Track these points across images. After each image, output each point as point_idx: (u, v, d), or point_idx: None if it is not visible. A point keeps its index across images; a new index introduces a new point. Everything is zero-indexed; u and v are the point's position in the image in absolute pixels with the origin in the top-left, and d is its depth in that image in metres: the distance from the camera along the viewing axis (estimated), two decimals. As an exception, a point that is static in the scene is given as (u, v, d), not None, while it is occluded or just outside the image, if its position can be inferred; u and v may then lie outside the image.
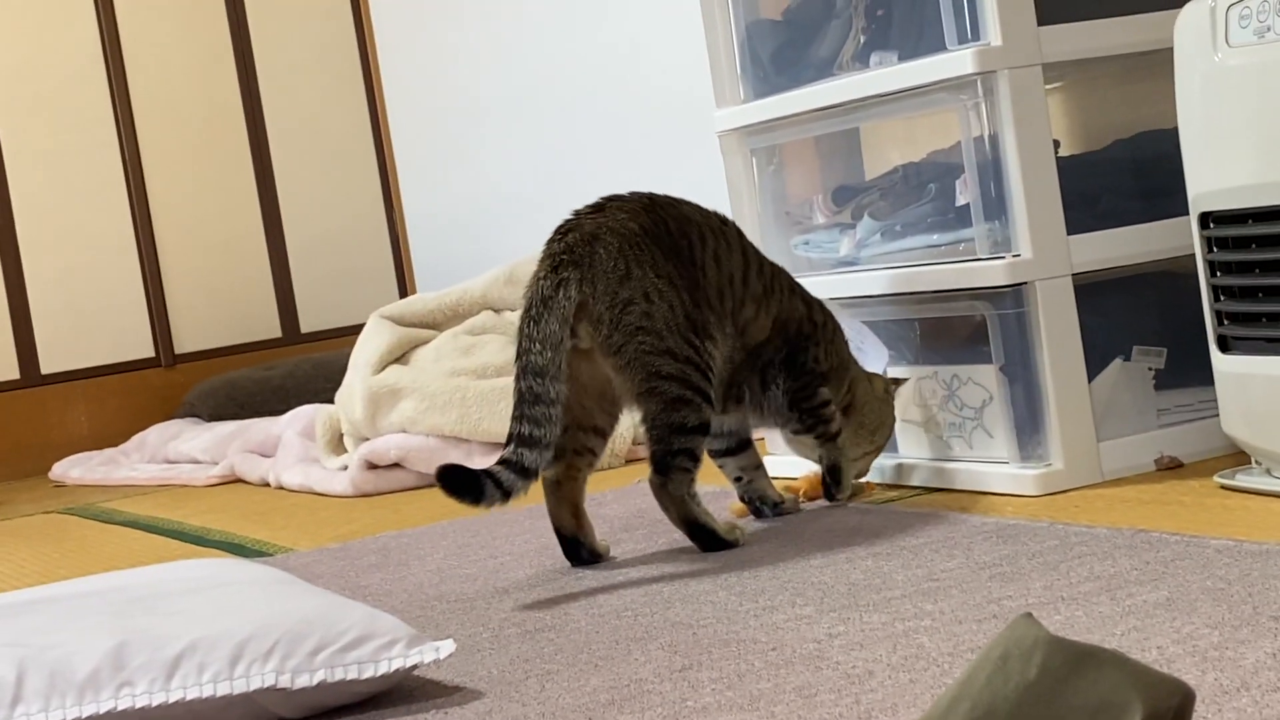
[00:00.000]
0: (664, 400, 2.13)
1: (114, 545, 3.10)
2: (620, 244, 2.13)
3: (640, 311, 2.12)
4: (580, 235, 2.14)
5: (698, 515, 2.17)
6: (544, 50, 4.33)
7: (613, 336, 2.12)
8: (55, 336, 4.88)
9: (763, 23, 2.77)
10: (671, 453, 2.14)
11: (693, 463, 2.16)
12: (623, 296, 2.12)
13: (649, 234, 2.16)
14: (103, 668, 1.54)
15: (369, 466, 3.34)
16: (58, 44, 4.91)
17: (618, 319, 2.12)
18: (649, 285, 2.13)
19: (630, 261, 2.13)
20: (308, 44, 5.20)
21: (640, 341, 2.12)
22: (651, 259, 2.14)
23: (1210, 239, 2.14)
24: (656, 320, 2.13)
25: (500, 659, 1.75)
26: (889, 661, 1.53)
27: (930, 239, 2.47)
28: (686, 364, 2.14)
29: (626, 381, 2.14)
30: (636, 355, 2.12)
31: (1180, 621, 1.53)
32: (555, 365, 2.07)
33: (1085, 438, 2.32)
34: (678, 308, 2.14)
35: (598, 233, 2.14)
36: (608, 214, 2.17)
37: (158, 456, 4.34)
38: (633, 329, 2.12)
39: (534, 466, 2.06)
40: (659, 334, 2.13)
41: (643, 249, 2.14)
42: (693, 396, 2.14)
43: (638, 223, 2.16)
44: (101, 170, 4.95)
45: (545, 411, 2.06)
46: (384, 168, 5.27)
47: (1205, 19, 2.09)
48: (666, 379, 2.13)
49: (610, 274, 2.12)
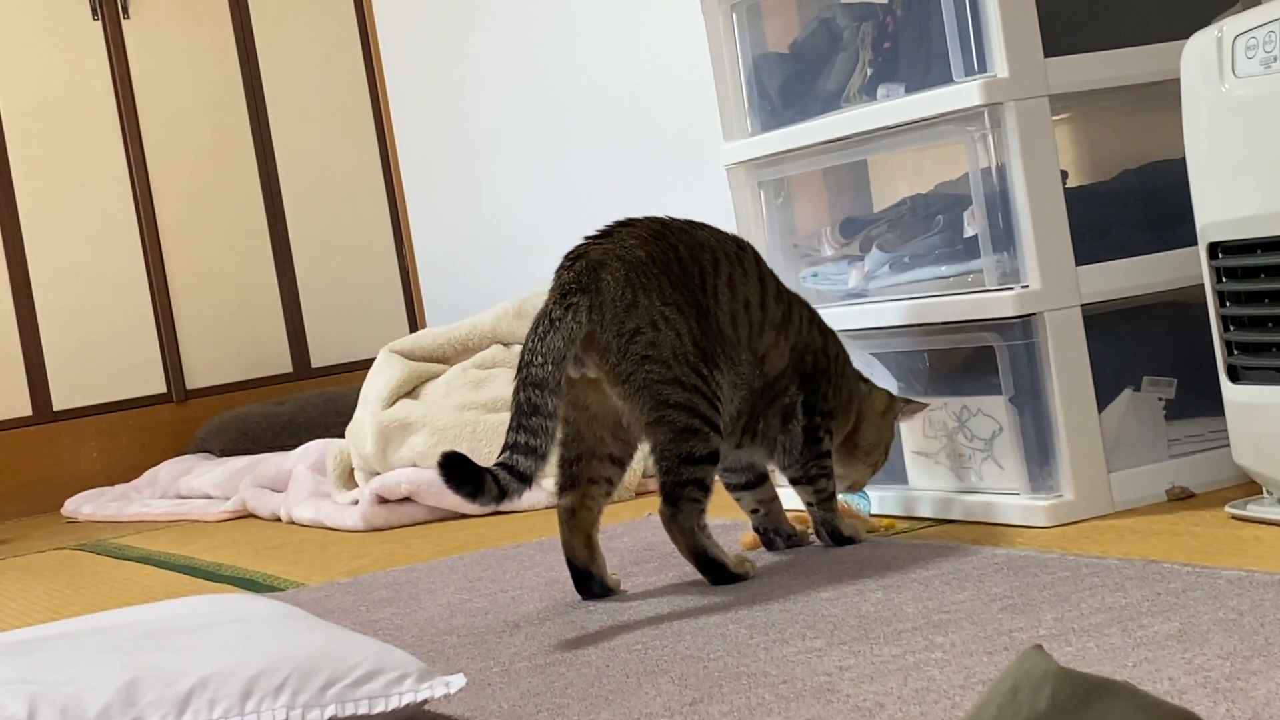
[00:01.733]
0: (672, 430, 2.13)
1: (126, 581, 3.11)
2: (627, 272, 2.13)
3: (647, 340, 2.12)
4: (587, 263, 2.14)
5: (707, 547, 2.17)
6: (552, 86, 4.34)
7: (620, 365, 2.12)
8: (67, 373, 4.89)
9: (770, 56, 2.78)
10: (680, 483, 2.14)
11: (702, 493, 2.16)
12: (629, 326, 2.12)
13: (656, 261, 2.16)
14: (114, 704, 1.54)
15: (380, 501, 3.34)
16: (70, 81, 4.93)
17: (625, 348, 2.11)
18: (655, 314, 2.13)
19: (637, 290, 2.13)
20: (318, 81, 5.22)
21: (648, 370, 2.12)
22: (659, 287, 2.14)
23: (1219, 269, 2.14)
24: (663, 349, 2.12)
25: (511, 693, 1.75)
26: (900, 694, 1.53)
27: (939, 270, 2.47)
28: (694, 393, 2.14)
29: (635, 410, 2.14)
30: (644, 384, 2.12)
31: (1192, 653, 1.53)
32: (555, 380, 2.06)
33: (1096, 468, 2.31)
34: (685, 336, 2.14)
35: (605, 260, 2.14)
36: (615, 241, 2.17)
37: (169, 492, 4.35)
38: (639, 357, 2.12)
39: (529, 473, 2.06)
40: (666, 363, 2.12)
41: (649, 277, 2.14)
42: (700, 426, 2.14)
43: (645, 250, 2.16)
44: (113, 207, 4.96)
45: (542, 423, 2.06)
46: (394, 203, 5.28)
47: (1212, 49, 2.10)
48: (674, 408, 2.13)
49: (617, 303, 2.12)
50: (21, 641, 1.79)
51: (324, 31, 5.23)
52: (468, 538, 3.01)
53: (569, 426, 2.18)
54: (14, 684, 1.56)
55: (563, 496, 2.20)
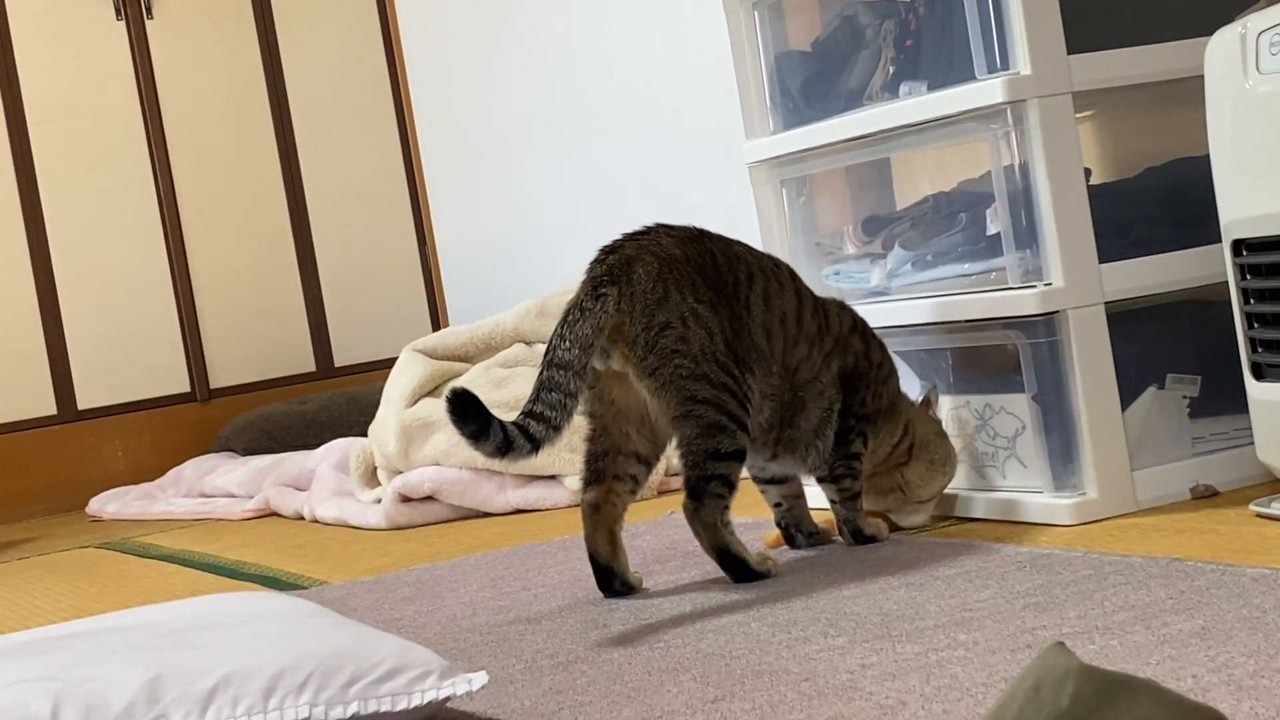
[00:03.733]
0: (700, 424, 2.13)
1: (150, 579, 3.12)
2: (660, 267, 2.13)
3: (677, 335, 2.12)
4: (620, 258, 2.15)
5: (730, 544, 2.17)
6: (574, 85, 4.34)
7: (648, 359, 2.12)
8: (92, 373, 4.91)
9: (792, 54, 2.77)
10: (705, 478, 2.14)
11: (727, 489, 2.15)
12: (659, 319, 2.12)
13: (691, 261, 2.16)
14: (138, 701, 1.54)
15: (403, 499, 3.35)
16: (94, 82, 4.95)
17: (653, 341, 2.11)
18: (686, 310, 2.13)
19: (669, 285, 2.13)
20: (340, 82, 5.23)
21: (677, 365, 2.12)
22: (692, 284, 2.14)
23: (1243, 266, 2.13)
24: (693, 345, 2.12)
25: (533, 691, 1.75)
26: (922, 692, 1.53)
27: (961, 268, 2.46)
28: (723, 390, 2.13)
29: (662, 404, 2.13)
30: (672, 378, 2.12)
31: (1215, 650, 1.52)
32: (580, 364, 2.06)
33: (1119, 466, 2.31)
34: (716, 335, 2.14)
35: (638, 255, 2.14)
36: (651, 238, 2.18)
37: (193, 491, 4.36)
38: (668, 351, 2.11)
39: (539, 437, 2.05)
40: (695, 359, 2.12)
41: (683, 275, 2.14)
42: (728, 423, 2.14)
43: (681, 250, 2.16)
44: (137, 207, 4.98)
45: (561, 399, 2.05)
46: (416, 203, 5.29)
47: (1236, 46, 2.09)
48: (702, 403, 2.13)
49: (648, 295, 2.12)
50: (46, 639, 1.79)
51: (347, 32, 5.24)
52: (490, 536, 3.01)
53: (595, 421, 2.19)
54: (38, 682, 1.56)
55: (587, 491, 2.20)
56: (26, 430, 4.84)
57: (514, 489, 3.32)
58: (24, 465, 4.83)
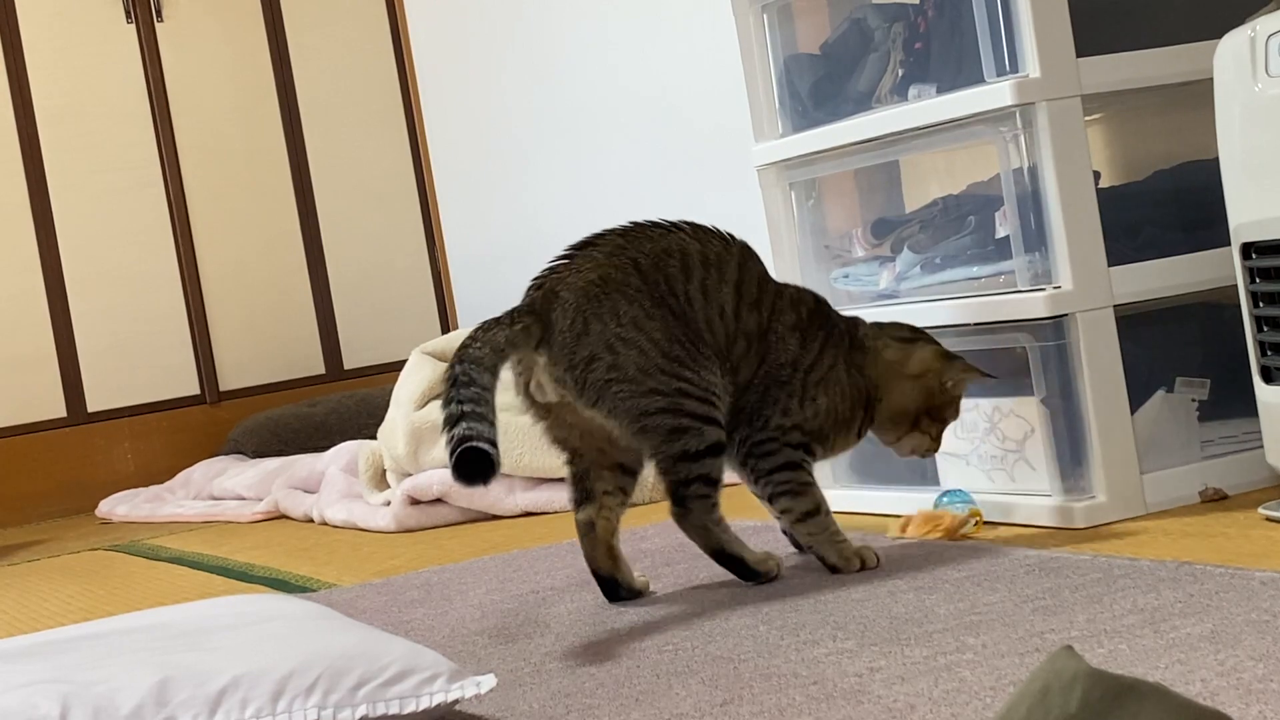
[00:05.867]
0: (660, 434, 2.09)
1: (159, 582, 3.12)
2: (577, 300, 2.08)
3: (606, 365, 2.07)
4: (543, 293, 2.11)
5: (725, 543, 2.15)
6: (584, 86, 4.35)
7: (585, 393, 2.08)
8: (101, 375, 4.92)
9: (801, 57, 2.77)
10: (683, 481, 2.10)
11: (709, 487, 2.11)
12: (582, 355, 2.07)
13: (610, 281, 2.09)
14: (146, 704, 1.54)
15: (412, 502, 3.35)
16: (104, 84, 4.96)
17: (582, 378, 2.07)
18: (610, 336, 2.07)
19: (588, 317, 2.08)
20: (350, 82, 5.24)
21: (616, 391, 2.07)
22: (613, 307, 2.08)
23: (1252, 269, 2.13)
24: (628, 369, 2.07)
25: (541, 694, 1.75)
26: (931, 696, 1.53)
27: (970, 271, 2.46)
28: (676, 395, 2.08)
29: (618, 427, 2.10)
30: (616, 404, 2.08)
31: (1224, 654, 1.52)
32: (490, 363, 2.01)
33: (1128, 470, 2.30)
34: (651, 350, 2.08)
35: (557, 290, 2.10)
36: (572, 267, 2.12)
37: (203, 493, 4.36)
38: (603, 382, 2.07)
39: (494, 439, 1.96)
40: (635, 380, 2.07)
41: (601, 301, 2.08)
42: (690, 423, 2.09)
43: (599, 272, 2.10)
44: (146, 209, 4.99)
45: (478, 393, 1.98)
46: (426, 205, 5.29)
47: (1245, 49, 2.09)
48: (656, 414, 2.08)
49: (566, 333, 2.07)
50: (55, 641, 1.80)
51: (356, 33, 5.25)
52: (499, 539, 3.01)
53: (565, 446, 2.16)
54: (47, 684, 1.57)
55: (579, 511, 2.18)
56: (36, 432, 4.85)
57: (523, 491, 3.32)
58: (33, 467, 4.83)
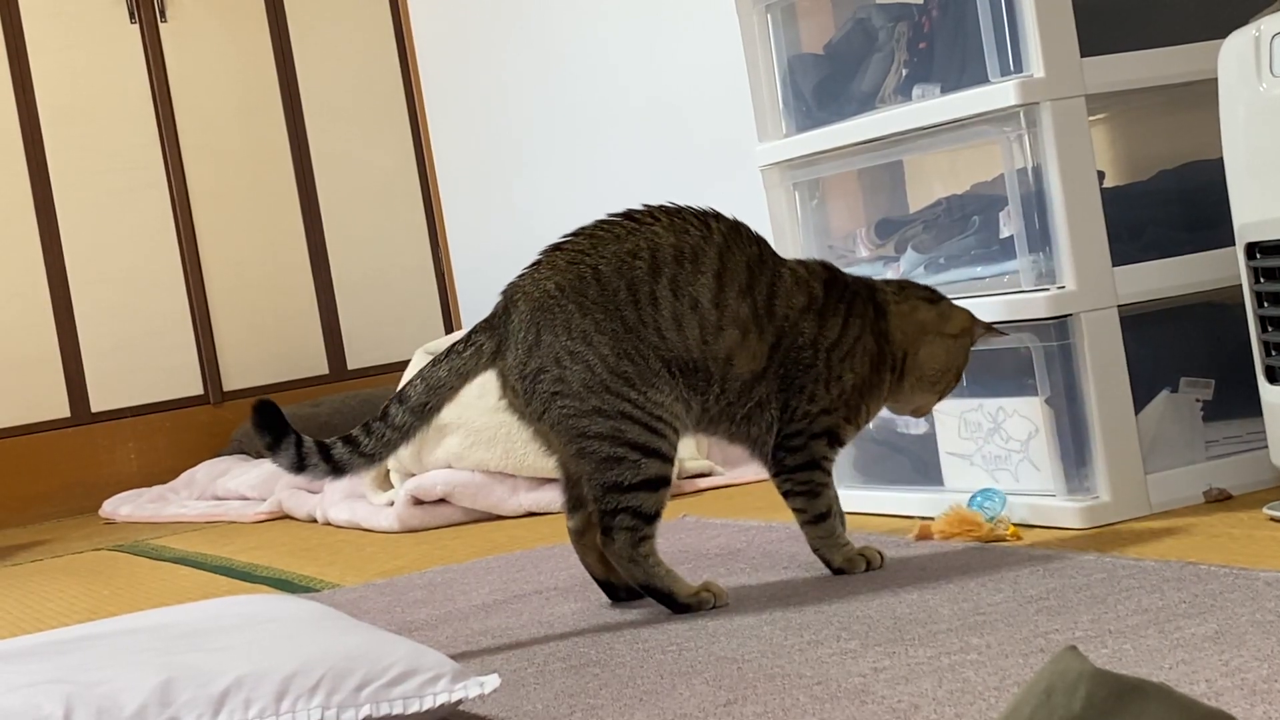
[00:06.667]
0: (594, 460, 2.06)
1: (162, 582, 3.12)
2: (531, 310, 2.07)
3: (553, 378, 2.06)
4: (504, 301, 2.12)
5: (650, 577, 2.08)
6: (588, 87, 4.35)
7: (531, 404, 2.08)
8: (105, 375, 4.92)
9: (804, 57, 2.77)
10: (609, 511, 2.06)
11: (638, 520, 2.06)
12: (532, 366, 2.07)
13: (566, 290, 2.07)
14: (149, 704, 1.54)
15: (415, 502, 3.35)
16: (107, 84, 4.96)
17: (530, 389, 2.07)
18: (559, 349, 2.06)
19: (541, 328, 2.07)
20: (353, 82, 5.24)
21: (560, 406, 2.06)
22: (565, 320, 2.06)
23: (1257, 269, 2.13)
24: (573, 383, 2.05)
25: (545, 694, 1.75)
26: (935, 696, 1.52)
27: (974, 271, 2.46)
28: (620, 419, 2.05)
29: (560, 442, 2.09)
30: (560, 419, 2.07)
31: (1229, 655, 1.52)
32: (421, 405, 2.06)
33: (1132, 470, 2.30)
34: (598, 366, 2.05)
35: (514, 299, 2.10)
36: (534, 273, 2.12)
37: (206, 493, 4.37)
38: (548, 395, 2.06)
39: (342, 461, 2.05)
40: (579, 395, 2.05)
41: (555, 312, 2.07)
42: (627, 453, 2.05)
43: (556, 280, 2.08)
44: (150, 209, 4.99)
45: (386, 433, 2.05)
46: (429, 204, 5.29)
47: (1249, 49, 2.08)
48: (594, 438, 2.06)
49: (519, 344, 2.07)
50: (58, 642, 1.80)
51: (360, 33, 5.25)
52: (502, 539, 3.01)
53: (553, 450, 2.14)
54: (50, 684, 1.57)
55: (570, 519, 2.18)
56: (40, 433, 4.85)
57: (526, 492, 3.32)
58: (37, 468, 4.84)
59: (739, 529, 2.67)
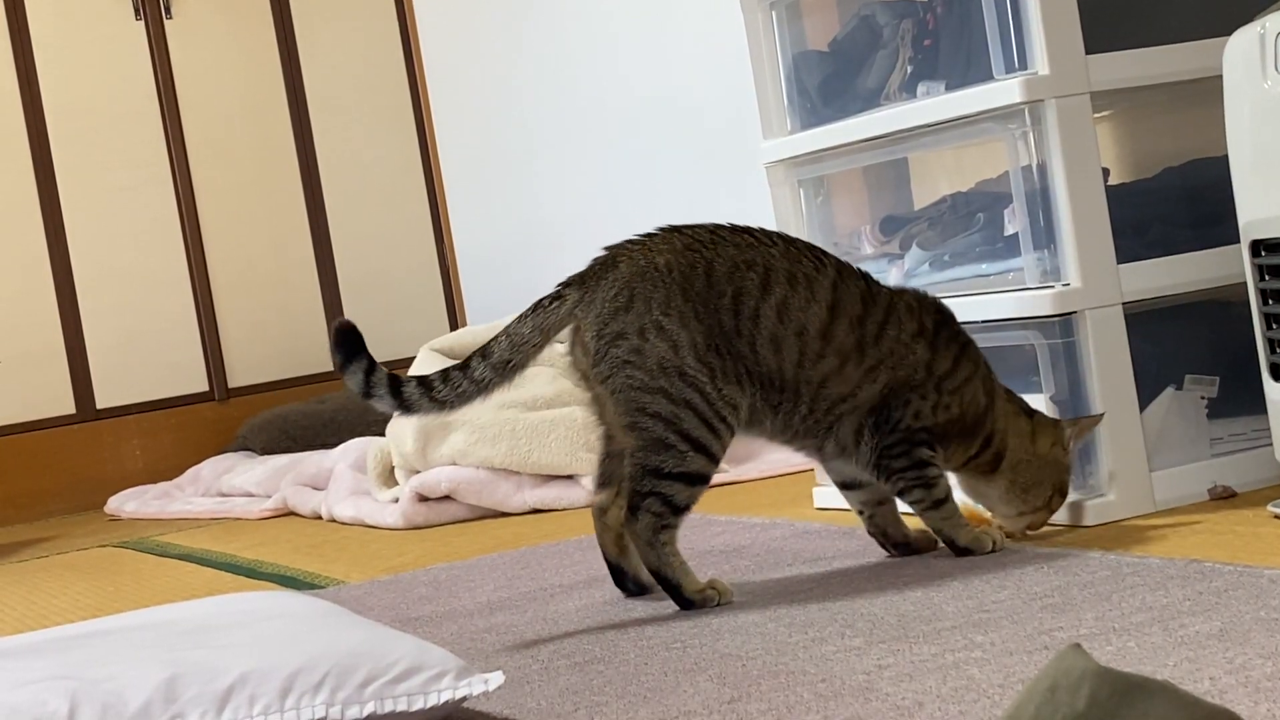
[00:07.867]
0: (646, 438, 2.06)
1: (167, 578, 3.12)
2: (631, 275, 2.07)
3: (631, 346, 2.05)
4: (603, 261, 2.11)
5: (664, 565, 2.08)
6: (593, 83, 4.35)
7: (599, 365, 2.06)
8: (110, 372, 4.93)
9: (809, 54, 2.77)
10: (642, 493, 2.06)
11: (666, 508, 2.06)
12: (613, 328, 2.05)
13: (675, 271, 2.07)
14: (154, 700, 1.55)
15: (420, 499, 3.35)
16: (113, 82, 4.96)
17: (604, 350, 2.06)
18: (648, 321, 2.05)
19: (635, 294, 2.06)
20: (359, 80, 5.24)
21: (628, 375, 2.05)
22: (664, 296, 2.06)
23: (1261, 267, 2.13)
24: (649, 358, 2.04)
25: (549, 691, 1.75)
26: (939, 693, 1.52)
27: (979, 268, 2.46)
28: (684, 406, 2.05)
29: (616, 411, 2.08)
30: (623, 388, 2.06)
31: (1233, 652, 1.52)
32: (504, 360, 2.05)
33: (1137, 467, 2.30)
34: (684, 348, 2.05)
35: (616, 260, 2.10)
36: (648, 243, 2.12)
37: (211, 490, 4.37)
38: (619, 362, 2.05)
39: (411, 399, 2.03)
40: (650, 372, 2.04)
41: (656, 285, 2.06)
42: (678, 442, 2.05)
43: (667, 259, 2.08)
44: (155, 206, 4.99)
45: (461, 380, 2.05)
46: (434, 202, 5.29)
47: (1255, 46, 2.08)
48: (653, 417, 2.05)
49: (607, 303, 2.06)
50: (64, 638, 1.80)
51: (365, 30, 5.25)
52: (507, 536, 3.01)
53: (602, 424, 2.15)
54: (56, 680, 1.57)
55: (597, 494, 2.18)
56: (45, 429, 4.86)
57: (531, 488, 3.32)
58: (43, 464, 4.84)
59: (743, 526, 2.67)
